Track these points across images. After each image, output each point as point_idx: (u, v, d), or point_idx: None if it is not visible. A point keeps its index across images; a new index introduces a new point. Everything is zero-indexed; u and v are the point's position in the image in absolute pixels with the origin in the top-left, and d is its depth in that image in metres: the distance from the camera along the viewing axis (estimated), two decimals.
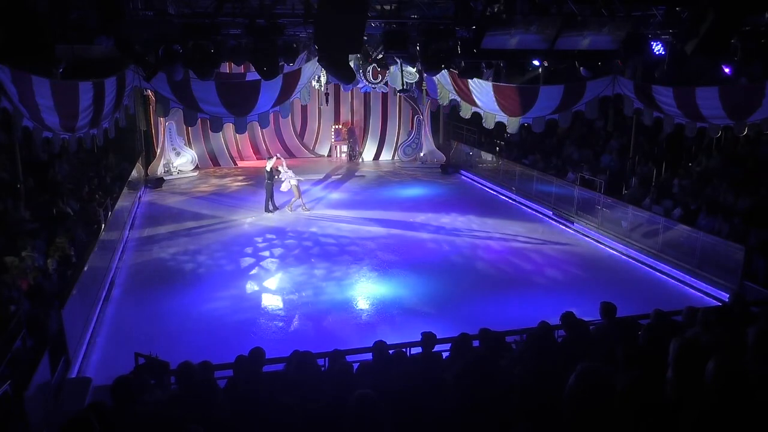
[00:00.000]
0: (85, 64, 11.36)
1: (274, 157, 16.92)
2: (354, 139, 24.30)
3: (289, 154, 24.55)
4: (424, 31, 11.27)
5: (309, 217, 16.55)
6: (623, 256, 13.77)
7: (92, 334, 9.94)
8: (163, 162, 20.87)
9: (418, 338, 6.21)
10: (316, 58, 12.00)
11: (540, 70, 15.88)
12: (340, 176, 21.85)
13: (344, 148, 24.50)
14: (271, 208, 16.83)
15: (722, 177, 14.15)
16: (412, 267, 12.86)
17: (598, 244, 14.62)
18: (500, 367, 4.71)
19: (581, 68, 12.58)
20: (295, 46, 11.96)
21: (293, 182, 16.73)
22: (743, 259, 10.96)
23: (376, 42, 12.50)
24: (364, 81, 18.36)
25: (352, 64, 13.16)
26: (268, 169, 16.57)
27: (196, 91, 12.98)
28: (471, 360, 3.43)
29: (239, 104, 13.67)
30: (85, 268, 10.20)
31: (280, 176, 16.66)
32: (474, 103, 15.69)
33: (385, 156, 24.67)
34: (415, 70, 14.66)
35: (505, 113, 15.25)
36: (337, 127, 24.74)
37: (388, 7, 11.51)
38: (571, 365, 2.66)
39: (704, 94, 12.55)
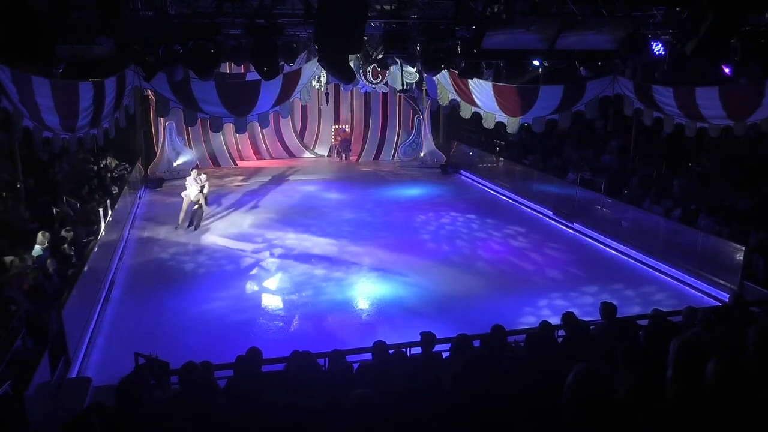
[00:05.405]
0: (85, 64, 11.35)
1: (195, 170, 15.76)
2: (346, 147, 24.42)
3: (289, 154, 24.63)
4: (424, 31, 11.26)
5: (308, 217, 16.53)
6: (623, 256, 13.76)
7: (92, 334, 9.93)
8: (163, 162, 20.88)
9: (418, 338, 6.21)
10: (316, 58, 11.99)
11: (540, 70, 15.88)
12: (339, 176, 21.84)
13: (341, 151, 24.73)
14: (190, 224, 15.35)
15: (722, 177, 14.15)
16: (412, 267, 12.85)
17: (598, 244, 14.61)
18: (500, 367, 4.72)
19: (581, 68, 12.57)
20: (295, 46, 11.94)
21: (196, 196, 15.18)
22: (743, 259, 10.97)
23: (376, 42, 12.50)
24: (364, 81, 18.35)
25: (352, 64, 13.15)
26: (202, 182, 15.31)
27: (196, 91, 12.96)
28: (470, 360, 3.43)
29: (239, 104, 13.66)
30: (85, 268, 10.20)
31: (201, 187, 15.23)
32: (474, 103, 15.68)
33: (385, 156, 24.66)
34: (415, 70, 14.64)
35: (505, 113, 15.24)
36: (337, 126, 24.80)
37: (388, 7, 11.50)
38: (571, 365, 2.66)
39: (704, 94, 12.55)
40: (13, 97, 8.49)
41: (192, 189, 15.20)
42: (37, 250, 10.23)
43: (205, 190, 15.32)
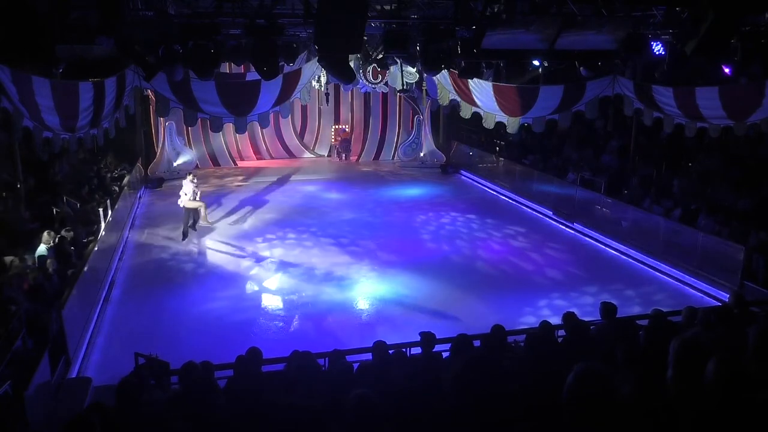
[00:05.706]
0: (85, 64, 11.36)
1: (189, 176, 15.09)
2: (346, 147, 24.48)
3: (289, 154, 24.65)
4: (424, 31, 11.26)
5: (309, 217, 16.53)
6: (623, 256, 13.76)
7: (92, 334, 9.93)
8: (163, 162, 20.88)
9: (418, 338, 6.21)
10: (316, 58, 11.99)
11: (540, 70, 15.88)
12: (339, 176, 21.85)
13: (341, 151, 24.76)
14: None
15: (722, 177, 14.15)
16: (412, 267, 12.85)
17: (598, 244, 14.61)
18: (500, 367, 4.72)
19: (581, 68, 12.58)
20: (295, 46, 11.94)
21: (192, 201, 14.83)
22: (743, 259, 10.97)
23: (376, 42, 12.50)
24: (364, 81, 18.35)
25: (352, 64, 13.15)
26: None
27: (196, 91, 12.96)
28: (470, 360, 3.43)
29: (239, 104, 13.66)
30: (85, 268, 10.20)
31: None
32: (474, 103, 15.68)
33: (385, 156, 24.67)
34: (415, 70, 14.65)
35: (505, 113, 15.24)
36: (337, 126, 24.82)
37: (388, 7, 11.49)
38: (571, 365, 2.66)
39: (704, 94, 12.56)
40: (13, 97, 8.49)
41: (188, 192, 14.96)
42: (42, 249, 10.23)
43: (198, 196, 15.00)
